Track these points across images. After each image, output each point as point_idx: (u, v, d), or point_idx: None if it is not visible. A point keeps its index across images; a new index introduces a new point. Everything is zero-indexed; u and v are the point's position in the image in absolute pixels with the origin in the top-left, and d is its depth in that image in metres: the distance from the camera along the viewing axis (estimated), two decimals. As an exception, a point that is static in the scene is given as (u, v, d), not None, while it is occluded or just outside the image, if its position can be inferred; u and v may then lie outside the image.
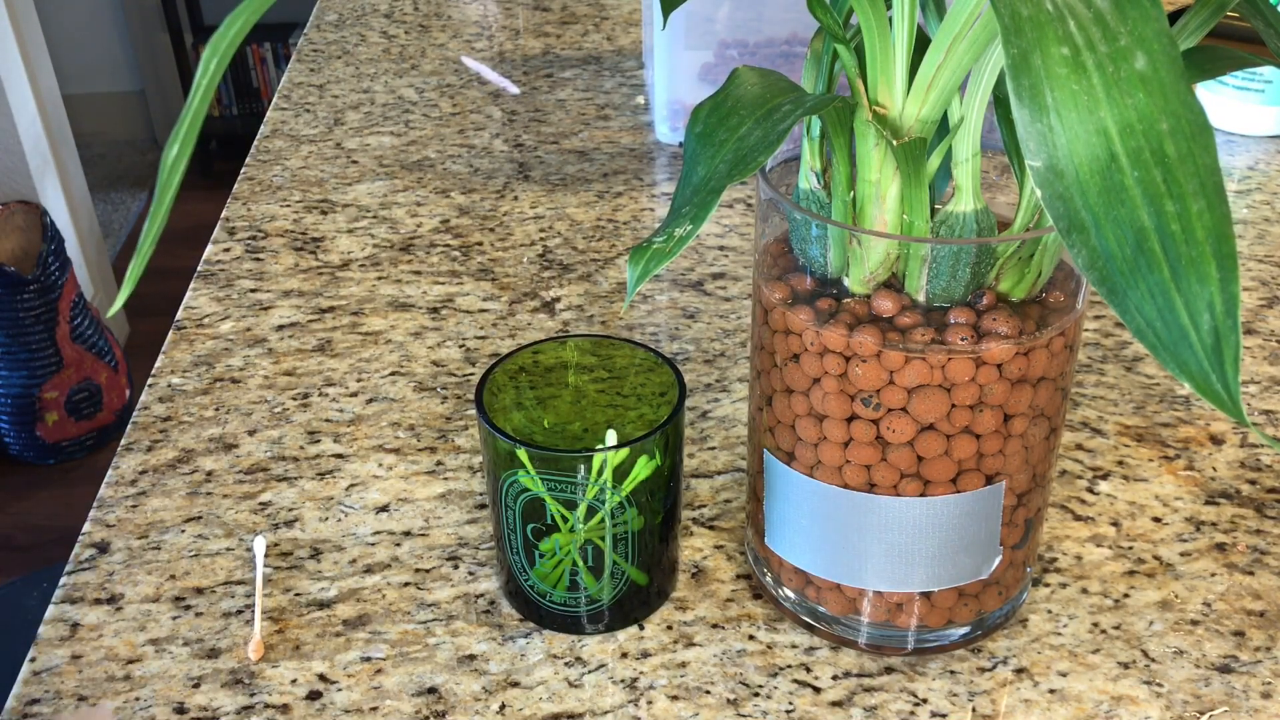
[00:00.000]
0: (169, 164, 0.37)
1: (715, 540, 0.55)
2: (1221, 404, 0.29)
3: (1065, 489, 0.58)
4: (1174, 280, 0.29)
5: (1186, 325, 0.29)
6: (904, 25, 0.40)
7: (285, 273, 0.76)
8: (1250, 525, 0.55)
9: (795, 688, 0.48)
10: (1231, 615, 0.51)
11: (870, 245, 0.42)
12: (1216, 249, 0.29)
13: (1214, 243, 0.29)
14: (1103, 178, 0.29)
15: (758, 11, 0.85)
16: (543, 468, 0.46)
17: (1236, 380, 0.29)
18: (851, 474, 0.44)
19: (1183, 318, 0.29)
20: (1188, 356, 0.29)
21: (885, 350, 0.42)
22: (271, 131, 0.94)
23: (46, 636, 0.51)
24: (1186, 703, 0.47)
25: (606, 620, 0.50)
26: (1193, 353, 0.29)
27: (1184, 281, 0.29)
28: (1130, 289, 0.29)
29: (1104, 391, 0.64)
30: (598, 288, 0.74)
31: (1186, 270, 0.29)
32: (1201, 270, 0.29)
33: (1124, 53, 0.29)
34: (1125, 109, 0.29)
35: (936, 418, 0.43)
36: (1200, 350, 0.29)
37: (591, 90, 0.99)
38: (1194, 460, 0.59)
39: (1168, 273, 0.29)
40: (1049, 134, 0.29)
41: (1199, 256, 0.29)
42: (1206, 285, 0.29)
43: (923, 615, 0.48)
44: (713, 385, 0.65)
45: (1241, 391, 0.64)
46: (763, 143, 0.37)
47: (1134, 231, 0.29)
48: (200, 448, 0.61)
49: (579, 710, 0.47)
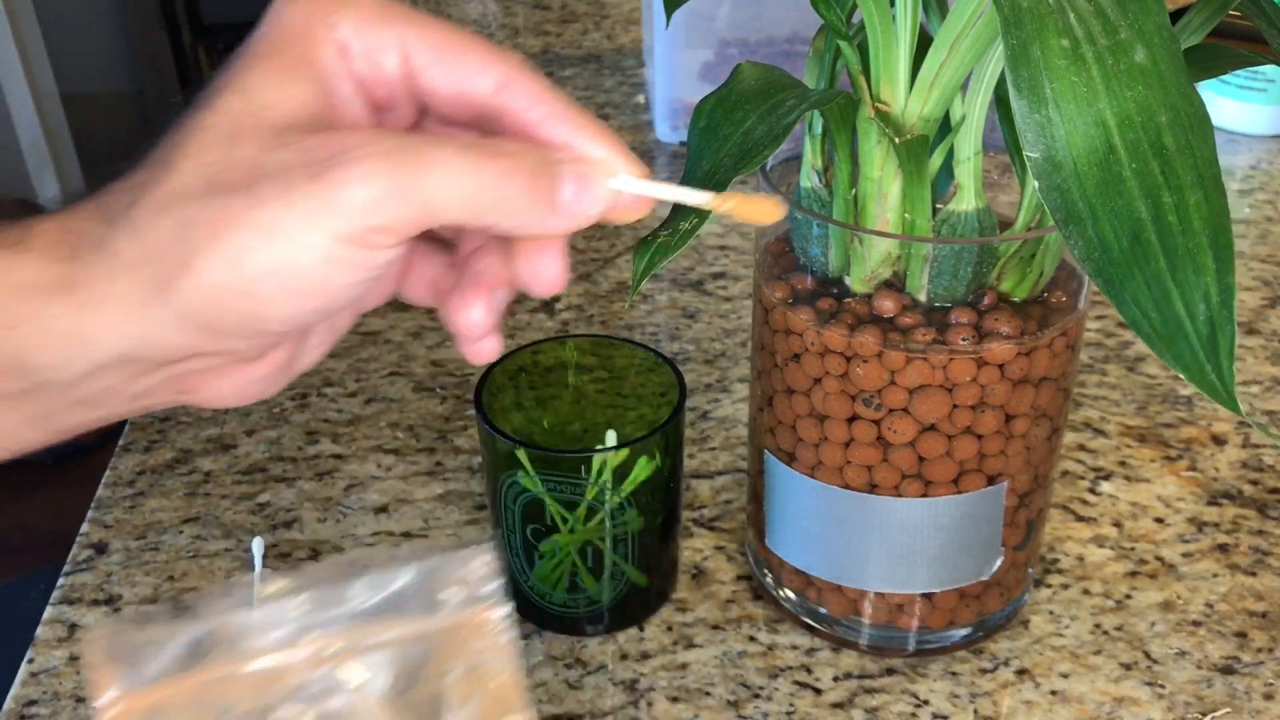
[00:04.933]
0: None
1: (716, 541, 0.55)
2: (1216, 394, 0.29)
3: (1067, 489, 0.57)
4: (1170, 271, 0.29)
5: (1182, 316, 0.29)
6: (907, 22, 0.40)
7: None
8: (1252, 526, 0.55)
9: (796, 689, 0.48)
10: (1234, 616, 0.51)
11: (872, 244, 0.42)
12: (1213, 240, 0.29)
13: (1210, 234, 0.29)
14: (1100, 169, 0.29)
15: (758, 10, 0.85)
16: (542, 468, 0.46)
17: (1231, 371, 0.29)
18: (852, 474, 0.44)
19: (1178, 308, 0.29)
20: (1183, 347, 0.29)
21: (886, 350, 0.41)
22: (270, 130, 0.94)
23: (44, 637, 0.50)
24: (1189, 704, 0.47)
25: (606, 621, 0.50)
26: (1188, 343, 0.29)
27: (1180, 272, 0.29)
28: (1126, 280, 0.29)
29: (1106, 392, 0.64)
30: (597, 287, 0.74)
31: (1183, 261, 0.29)
32: (1198, 261, 0.29)
33: (1124, 45, 0.29)
34: (1124, 101, 0.29)
35: (938, 418, 0.42)
36: (1196, 341, 0.29)
37: (591, 89, 0.99)
38: (1196, 461, 0.59)
39: (1164, 263, 0.29)
40: (1047, 125, 0.29)
41: (1195, 247, 0.29)
42: (1202, 276, 0.29)
43: (924, 616, 0.48)
44: (713, 385, 0.65)
45: (1244, 392, 0.64)
46: (768, 136, 0.37)
47: (1131, 223, 0.29)
48: (198, 448, 0.61)
49: (579, 712, 0.47)
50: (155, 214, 0.29)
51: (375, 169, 0.29)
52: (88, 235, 0.30)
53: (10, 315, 0.30)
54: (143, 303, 0.29)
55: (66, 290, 0.30)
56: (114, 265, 0.29)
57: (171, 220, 0.29)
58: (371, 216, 0.29)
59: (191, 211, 0.29)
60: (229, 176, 0.29)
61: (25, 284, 0.30)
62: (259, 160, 0.29)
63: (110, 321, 0.30)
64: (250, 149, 0.29)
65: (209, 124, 0.30)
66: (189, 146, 0.30)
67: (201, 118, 0.30)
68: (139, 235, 0.29)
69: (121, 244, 0.30)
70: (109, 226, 0.30)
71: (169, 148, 0.31)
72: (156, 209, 0.29)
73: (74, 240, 0.30)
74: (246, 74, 0.31)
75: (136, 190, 0.30)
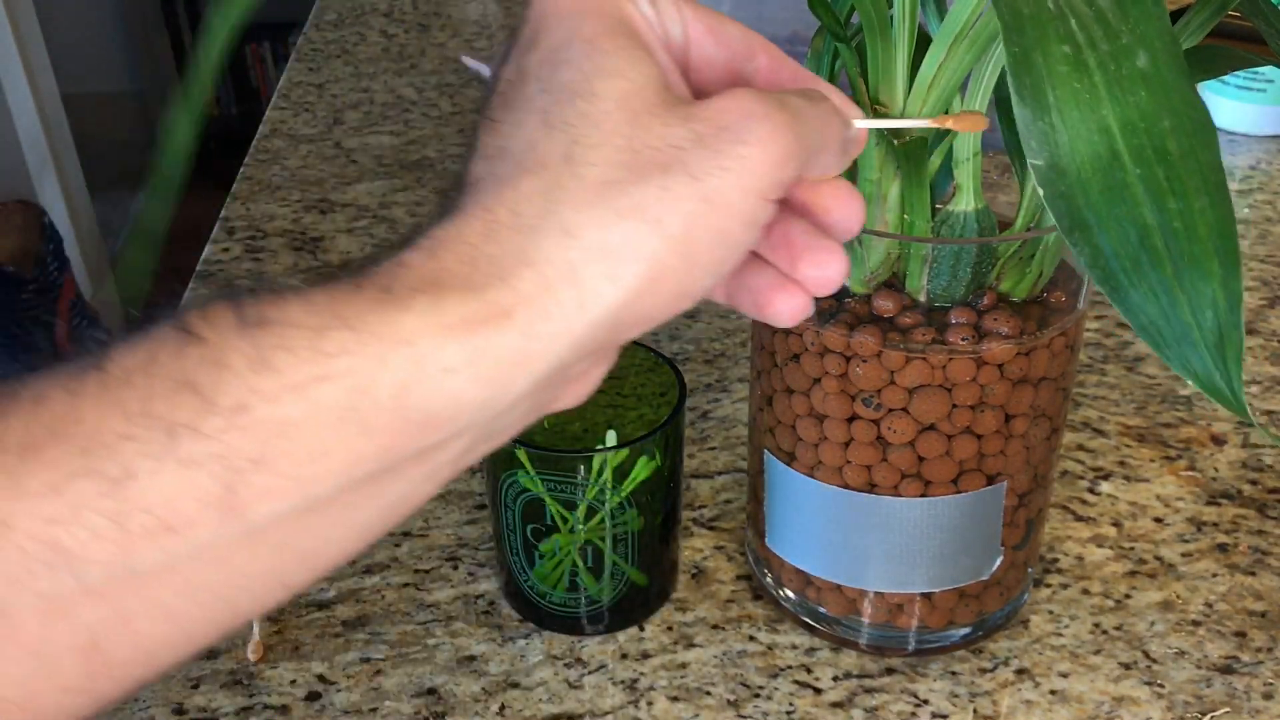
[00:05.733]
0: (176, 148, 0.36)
1: (715, 541, 0.55)
2: (1225, 400, 0.29)
3: (1066, 489, 0.58)
4: (1176, 277, 0.29)
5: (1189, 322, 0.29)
6: (905, 24, 0.40)
7: (284, 273, 0.75)
8: (1252, 526, 0.55)
9: (796, 689, 0.48)
10: (1233, 616, 0.51)
11: (871, 245, 0.42)
12: (1219, 245, 0.29)
13: (1216, 239, 0.29)
14: (1105, 176, 0.29)
15: (758, 10, 0.85)
16: (542, 468, 0.46)
17: (1240, 377, 0.29)
18: (852, 474, 0.44)
19: (1186, 315, 0.29)
20: (1191, 354, 0.29)
21: (886, 350, 0.41)
22: (270, 131, 0.94)
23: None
24: (1188, 704, 0.47)
25: (606, 621, 0.50)
26: (1195, 350, 0.29)
27: (1187, 278, 0.29)
28: (1133, 287, 0.29)
29: (1105, 391, 0.64)
30: (597, 287, 0.74)
31: (1189, 267, 0.29)
32: (1204, 267, 0.29)
33: (1126, 51, 0.29)
34: (1127, 107, 0.29)
35: (937, 418, 0.42)
36: (1203, 347, 0.29)
37: (591, 90, 0.99)
38: (1195, 460, 0.59)
39: (1170, 270, 0.29)
40: (1051, 132, 0.29)
41: (1201, 253, 0.29)
42: (1209, 282, 0.29)
43: (923, 616, 0.48)
44: (713, 385, 0.65)
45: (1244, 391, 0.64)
46: None
47: (1137, 229, 0.29)
48: (199, 448, 0.61)
49: (579, 711, 0.47)
50: (585, 209, 0.29)
51: (777, 125, 0.29)
52: (495, 256, 0.29)
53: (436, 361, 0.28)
54: (582, 304, 0.29)
55: (504, 317, 0.28)
56: (549, 274, 0.28)
57: (610, 211, 0.29)
58: (781, 172, 0.30)
59: (632, 198, 0.29)
60: (653, 158, 0.29)
61: (448, 325, 0.28)
62: (671, 136, 0.29)
63: (554, 331, 0.29)
64: (656, 127, 0.29)
65: (599, 112, 0.29)
66: (587, 139, 0.29)
67: (573, 109, 0.29)
68: (573, 235, 0.29)
69: (551, 251, 0.29)
70: (526, 238, 0.29)
71: (532, 151, 0.29)
72: (584, 205, 0.29)
73: (482, 265, 0.29)
74: (600, 57, 0.30)
75: (535, 199, 0.29)
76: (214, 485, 0.26)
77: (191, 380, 0.26)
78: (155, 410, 0.26)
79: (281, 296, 0.27)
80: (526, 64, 0.31)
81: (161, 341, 0.27)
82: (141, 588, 0.26)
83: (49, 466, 0.25)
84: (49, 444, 0.25)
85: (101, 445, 0.25)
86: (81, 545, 0.25)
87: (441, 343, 0.27)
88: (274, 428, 0.26)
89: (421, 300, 0.28)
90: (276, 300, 0.27)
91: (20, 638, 0.25)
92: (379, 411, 0.27)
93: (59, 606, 0.25)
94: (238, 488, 0.26)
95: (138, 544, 0.26)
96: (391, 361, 0.27)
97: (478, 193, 0.29)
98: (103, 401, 0.26)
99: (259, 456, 0.26)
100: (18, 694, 0.26)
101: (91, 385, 0.26)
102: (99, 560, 0.25)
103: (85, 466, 0.25)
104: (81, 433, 0.26)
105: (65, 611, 0.26)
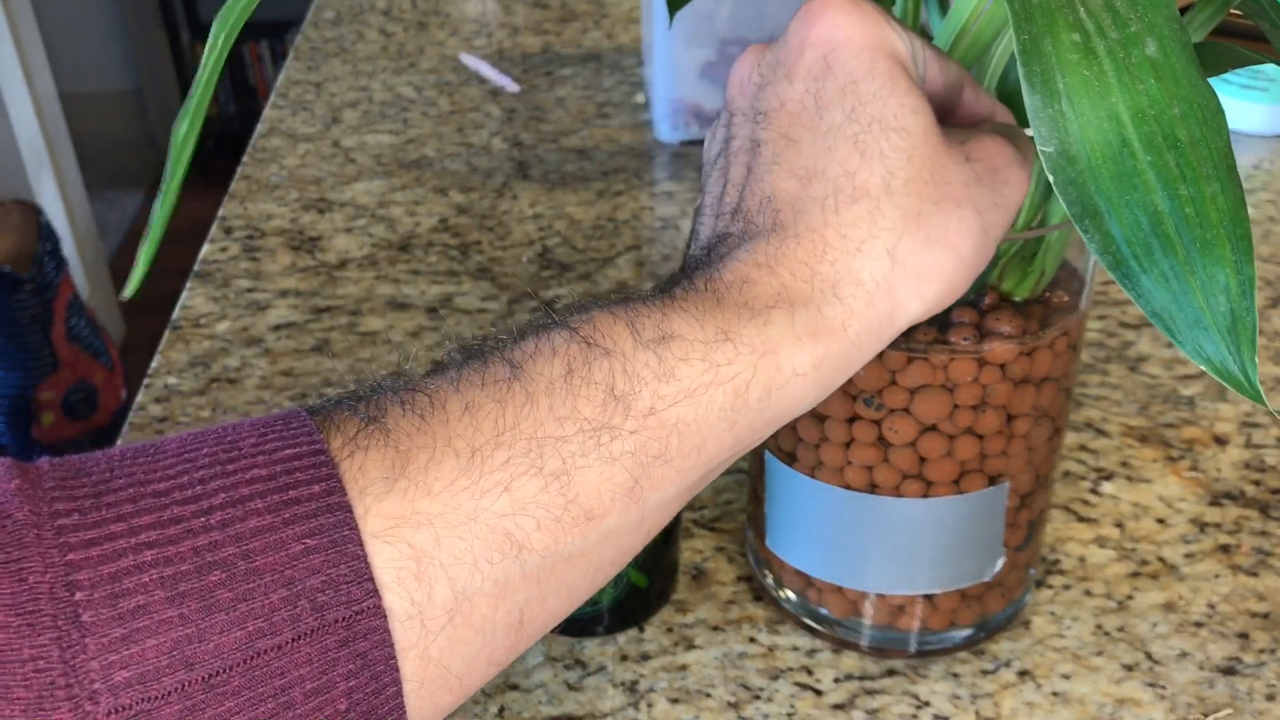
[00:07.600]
0: (179, 140, 0.36)
1: (716, 542, 0.55)
2: (1239, 386, 0.29)
3: (1068, 490, 0.57)
4: (1188, 264, 0.29)
5: (1202, 308, 0.29)
6: (907, 21, 0.40)
7: (282, 272, 0.75)
8: (1255, 526, 0.55)
9: (796, 690, 0.48)
10: (1236, 617, 0.51)
11: (873, 244, 0.42)
12: (1231, 231, 0.29)
13: (1228, 225, 0.29)
14: (1115, 163, 0.29)
15: (759, 9, 0.85)
16: (542, 469, 0.46)
17: (1254, 362, 0.29)
18: (853, 475, 0.44)
19: (1198, 301, 0.29)
20: (1204, 339, 0.29)
21: (887, 350, 0.41)
22: (268, 130, 0.94)
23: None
24: (1190, 705, 0.47)
25: (606, 623, 0.50)
26: (1209, 335, 0.29)
27: (1199, 264, 0.29)
28: (1145, 273, 0.29)
29: (1107, 392, 0.64)
30: (597, 287, 0.73)
31: (1201, 253, 0.29)
32: (1216, 253, 0.29)
33: (1135, 39, 0.29)
34: (1137, 94, 0.29)
35: (939, 418, 0.42)
36: (1216, 333, 0.29)
37: (591, 88, 0.99)
38: (1198, 461, 0.59)
39: (1182, 256, 0.29)
40: (1061, 120, 0.29)
41: (1213, 239, 0.29)
42: (1222, 267, 0.29)
43: (925, 617, 0.48)
44: (713, 385, 0.65)
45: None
46: None
47: (1148, 215, 0.29)
48: (196, 448, 0.61)
49: (579, 713, 0.47)
50: (905, 237, 0.33)
51: (1026, 172, 0.36)
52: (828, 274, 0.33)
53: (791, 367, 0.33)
54: (894, 317, 0.34)
55: (840, 329, 0.33)
56: (873, 290, 0.33)
57: (923, 238, 0.33)
58: (1015, 211, 0.36)
59: (938, 228, 0.33)
60: (948, 192, 0.34)
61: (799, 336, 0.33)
62: (960, 173, 0.34)
63: (874, 341, 0.34)
64: (949, 164, 0.34)
65: (909, 146, 0.33)
66: (902, 171, 0.33)
67: (887, 141, 0.33)
68: (894, 259, 0.33)
69: (875, 271, 0.33)
70: (854, 259, 0.33)
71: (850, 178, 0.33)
72: (903, 233, 0.33)
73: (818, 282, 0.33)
74: (903, 95, 0.34)
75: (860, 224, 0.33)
76: (625, 478, 0.31)
77: (612, 388, 0.31)
78: (582, 413, 0.30)
79: (664, 314, 0.32)
80: (825, 92, 0.34)
81: (566, 352, 0.31)
82: (562, 570, 0.31)
83: (500, 468, 0.29)
84: (496, 448, 0.30)
85: (539, 447, 0.30)
86: (526, 536, 0.30)
87: (795, 351, 0.32)
88: (672, 427, 0.31)
89: (779, 315, 0.32)
90: (661, 317, 0.32)
91: (473, 619, 0.29)
92: (747, 410, 0.32)
93: (505, 590, 0.30)
94: (641, 479, 0.31)
95: (567, 532, 0.30)
96: (762, 369, 0.32)
97: (800, 213, 0.34)
98: (535, 408, 0.30)
99: (660, 452, 0.31)
100: (461, 668, 0.30)
101: (518, 395, 0.30)
102: (538, 549, 0.30)
103: (528, 465, 0.30)
104: (521, 436, 0.30)
105: (508, 594, 0.30)
